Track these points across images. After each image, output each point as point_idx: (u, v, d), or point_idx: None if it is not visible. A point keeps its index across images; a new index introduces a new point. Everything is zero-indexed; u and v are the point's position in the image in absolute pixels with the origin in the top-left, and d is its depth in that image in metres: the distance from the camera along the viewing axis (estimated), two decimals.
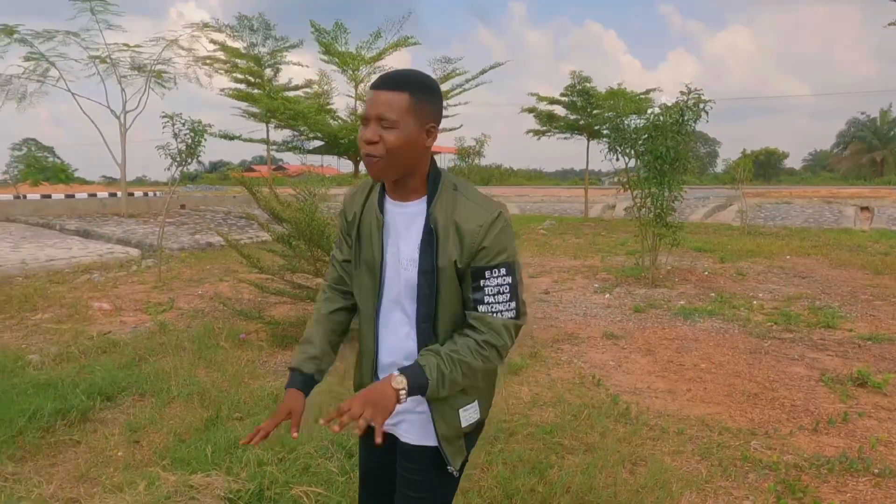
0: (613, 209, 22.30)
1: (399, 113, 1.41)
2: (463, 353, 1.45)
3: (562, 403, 4.10)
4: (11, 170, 44.12)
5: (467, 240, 1.44)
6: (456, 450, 1.58)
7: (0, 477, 3.01)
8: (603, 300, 7.47)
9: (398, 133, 1.41)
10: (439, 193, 1.50)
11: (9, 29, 13.84)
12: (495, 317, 1.47)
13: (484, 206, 1.48)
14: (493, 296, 1.47)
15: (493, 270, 1.47)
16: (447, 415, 1.55)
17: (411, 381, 1.40)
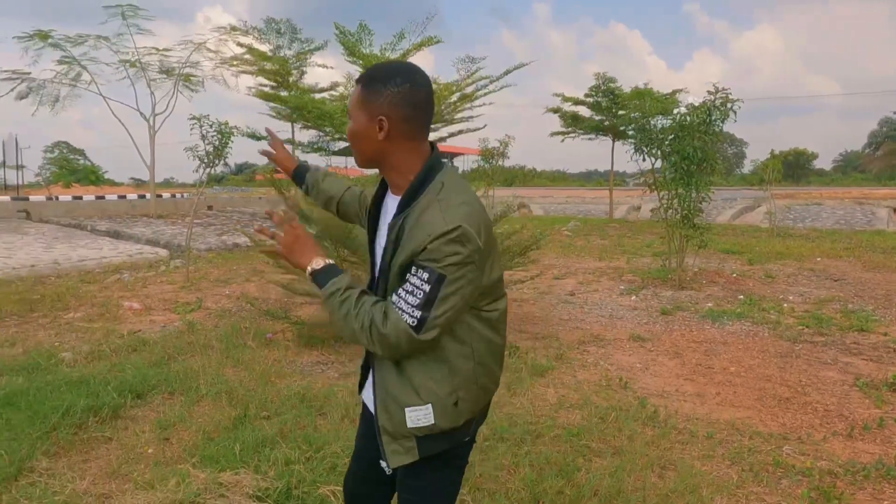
0: (639, 210, 22.09)
1: (353, 106, 1.52)
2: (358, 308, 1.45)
3: (588, 406, 4.07)
4: (44, 172, 45.08)
5: (415, 242, 1.40)
6: (399, 449, 1.52)
7: (35, 472, 3.07)
8: (629, 302, 7.40)
9: (351, 125, 1.53)
10: (424, 195, 1.46)
11: (43, 34, 14.15)
12: (395, 312, 1.41)
13: (446, 218, 1.39)
14: (407, 292, 1.41)
15: (419, 270, 1.39)
16: (392, 409, 1.51)
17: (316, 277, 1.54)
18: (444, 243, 1.37)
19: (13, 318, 6.46)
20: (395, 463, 1.53)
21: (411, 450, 1.51)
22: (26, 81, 14.80)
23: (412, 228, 1.42)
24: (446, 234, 1.36)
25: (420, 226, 1.41)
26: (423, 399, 1.48)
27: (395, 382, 1.51)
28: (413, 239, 1.40)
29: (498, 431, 3.60)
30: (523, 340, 5.64)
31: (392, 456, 1.53)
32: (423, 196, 1.46)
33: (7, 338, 5.60)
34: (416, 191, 1.47)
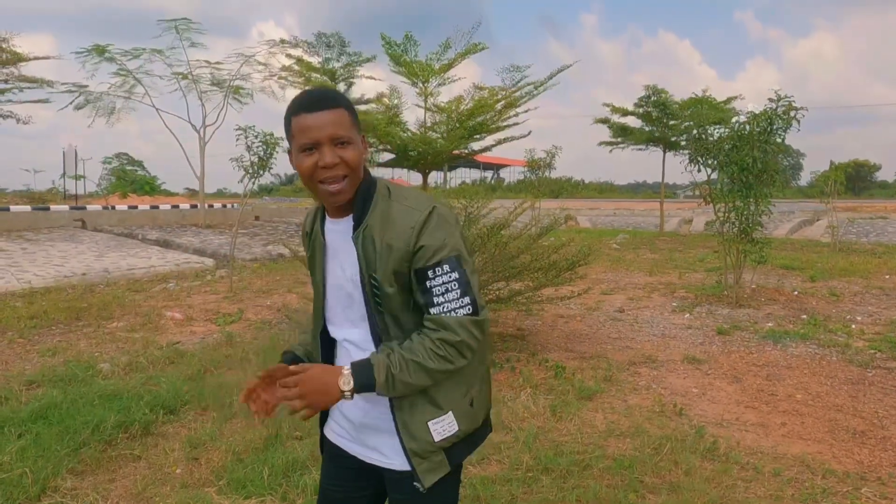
0: (690, 223, 21.44)
1: (348, 129, 1.40)
2: (416, 353, 1.37)
3: (640, 434, 3.78)
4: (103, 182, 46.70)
5: (402, 243, 1.38)
6: (432, 466, 1.46)
7: (58, 492, 2.97)
8: (682, 320, 7.03)
9: (355, 148, 1.40)
10: (374, 206, 1.44)
11: (100, 48, 14.57)
12: (450, 315, 1.39)
13: (415, 207, 1.42)
14: (442, 294, 1.39)
15: (436, 269, 1.39)
16: (416, 429, 1.44)
17: (357, 381, 1.35)
18: (434, 227, 1.39)
19: (59, 326, 6.52)
20: (429, 481, 1.45)
21: (442, 463, 1.48)
22: (84, 94, 15.27)
23: (386, 230, 1.40)
24: (428, 220, 1.39)
25: (394, 225, 1.40)
26: (442, 408, 1.46)
27: (409, 402, 1.44)
28: (395, 238, 1.39)
29: (542, 461, 3.35)
30: (570, 360, 5.36)
31: (426, 475, 1.45)
32: (375, 205, 1.44)
33: (50, 347, 5.62)
34: (365, 202, 1.45)
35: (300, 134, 1.39)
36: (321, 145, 1.37)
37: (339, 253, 1.49)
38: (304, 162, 1.39)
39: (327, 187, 1.40)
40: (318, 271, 1.55)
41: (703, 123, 7.73)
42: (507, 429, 3.86)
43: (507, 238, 5.42)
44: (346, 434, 1.57)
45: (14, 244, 12.30)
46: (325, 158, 1.37)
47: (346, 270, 1.47)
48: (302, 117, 1.39)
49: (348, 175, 1.40)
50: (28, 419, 3.67)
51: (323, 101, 1.39)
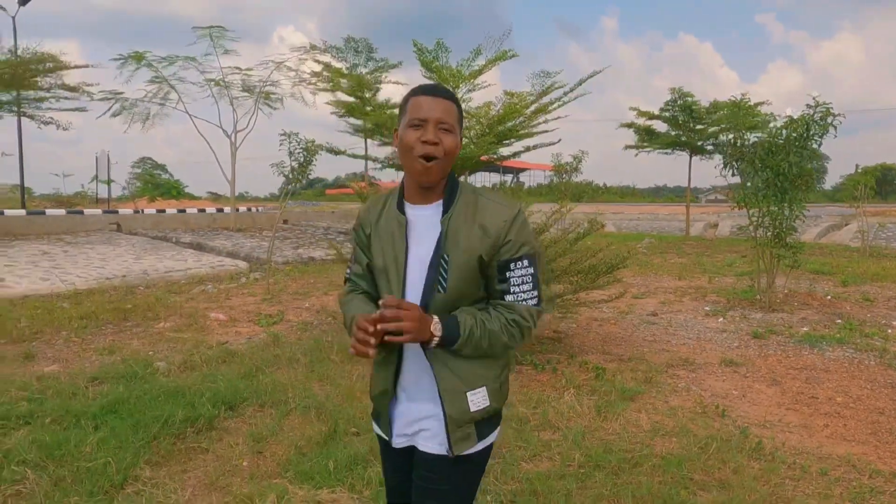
0: (716, 227, 21.34)
1: (455, 120, 1.57)
2: (494, 325, 1.56)
3: (686, 434, 3.87)
4: (130, 186, 47.50)
5: (493, 235, 1.56)
6: (463, 436, 1.62)
7: (139, 481, 3.15)
8: (716, 324, 7.09)
9: (455, 138, 1.56)
10: (459, 195, 1.62)
11: (138, 55, 14.94)
12: (521, 304, 1.60)
13: (505, 204, 1.61)
14: (518, 286, 1.59)
15: (518, 262, 1.59)
16: (455, 396, 1.60)
17: (445, 332, 1.52)
18: (521, 225, 1.59)
19: (109, 326, 6.75)
20: (459, 450, 1.61)
21: (471, 436, 1.63)
22: (119, 101, 15.65)
23: (479, 220, 1.57)
24: (517, 217, 1.59)
25: (487, 216, 1.58)
26: (479, 383, 1.63)
27: (450, 374, 1.60)
28: (489, 227, 1.56)
29: (593, 458, 3.47)
30: (608, 362, 5.46)
31: (457, 444, 1.61)
32: (460, 197, 1.62)
33: (106, 346, 5.85)
34: (452, 192, 1.63)
35: (414, 110, 1.56)
36: (428, 123, 1.54)
37: (421, 234, 1.62)
38: (409, 134, 1.55)
39: (423, 161, 1.54)
40: (395, 250, 1.63)
41: (740, 128, 7.76)
42: (555, 427, 3.97)
43: (547, 242, 5.53)
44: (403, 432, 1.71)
45: (55, 247, 12.64)
46: (429, 134, 1.53)
47: (426, 251, 1.60)
48: (420, 98, 1.57)
49: (441, 158, 1.55)
50: (100, 413, 3.87)
51: (441, 91, 1.59)
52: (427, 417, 1.65)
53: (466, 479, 1.69)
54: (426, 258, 1.60)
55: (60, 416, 3.84)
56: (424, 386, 1.65)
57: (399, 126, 1.62)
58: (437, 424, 1.64)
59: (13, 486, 3.00)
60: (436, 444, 1.64)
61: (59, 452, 3.29)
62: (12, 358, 5.42)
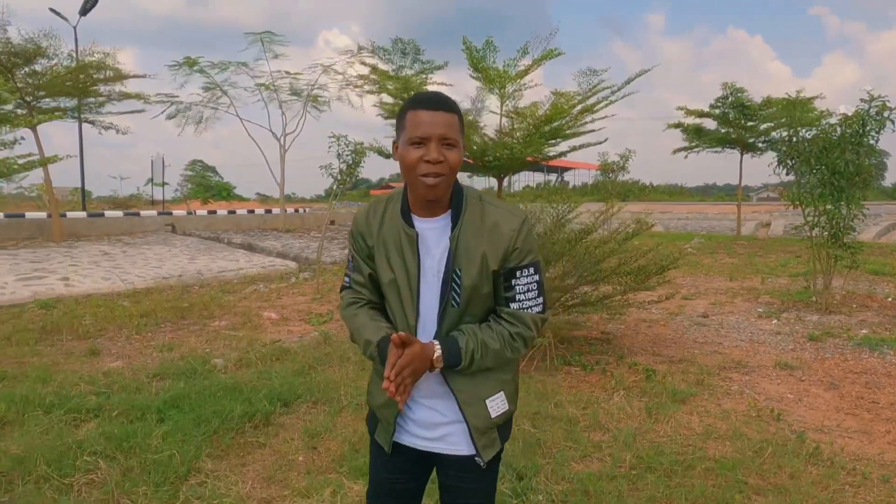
0: (768, 227, 20.78)
1: (457, 133, 1.52)
2: (495, 343, 1.57)
3: (740, 438, 3.82)
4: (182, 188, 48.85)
5: (503, 243, 1.57)
6: (488, 442, 1.65)
7: (202, 473, 3.28)
8: (770, 326, 6.93)
9: (459, 152, 1.52)
10: (465, 206, 1.59)
11: (191, 61, 15.42)
12: (526, 312, 1.61)
13: (512, 212, 1.61)
14: (524, 293, 1.61)
15: (524, 270, 1.60)
16: (476, 406, 1.62)
17: (446, 359, 1.54)
18: (527, 233, 1.60)
19: (168, 324, 7.01)
20: (487, 456, 1.65)
21: (495, 440, 1.68)
22: (175, 105, 16.18)
23: (489, 232, 1.57)
24: (523, 224, 1.59)
25: (494, 226, 1.57)
26: (496, 387, 1.65)
27: (468, 382, 1.62)
28: (497, 237, 1.56)
29: (644, 460, 3.45)
30: (658, 363, 5.41)
31: (484, 451, 1.64)
32: (467, 208, 1.59)
33: (165, 343, 6.08)
34: (460, 202, 1.60)
35: (414, 127, 1.49)
36: (430, 141, 1.48)
37: (431, 247, 1.60)
38: (410, 153, 1.50)
39: (427, 180, 1.49)
40: (406, 264, 1.60)
41: (796, 126, 7.56)
42: (605, 429, 3.97)
43: (597, 242, 5.51)
44: (418, 432, 1.70)
45: (115, 247, 13.15)
46: (432, 154, 1.48)
47: (437, 264, 1.59)
48: (420, 113, 1.50)
49: (447, 175, 1.51)
50: (163, 407, 4.04)
51: (442, 104, 1.51)
52: (450, 423, 1.66)
53: (492, 476, 1.75)
54: (437, 272, 1.60)
55: (126, 409, 4.03)
56: (439, 391, 1.66)
57: (399, 140, 1.57)
58: (460, 429, 1.66)
59: (86, 475, 3.16)
60: (463, 446, 1.66)
61: (127, 444, 3.45)
62: (79, 353, 5.68)
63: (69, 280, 9.39)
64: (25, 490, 3.03)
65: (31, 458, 3.26)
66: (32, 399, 4.13)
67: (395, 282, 1.62)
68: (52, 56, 13.04)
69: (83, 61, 13.62)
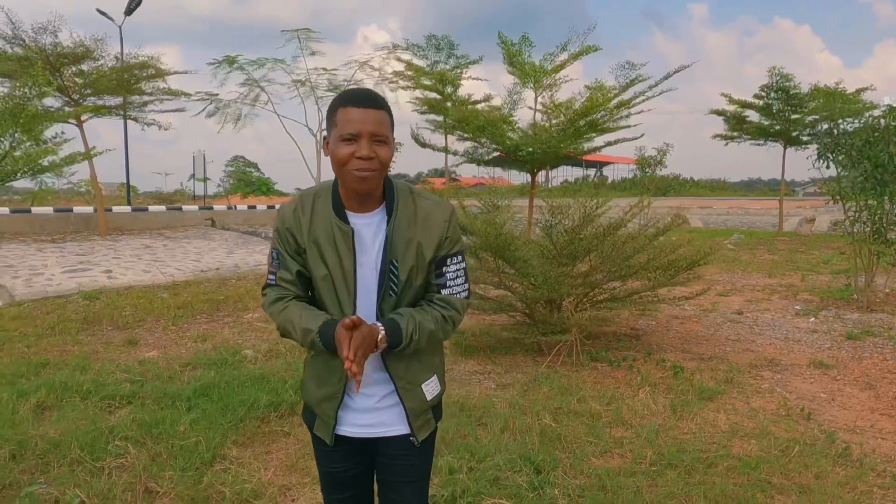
0: (813, 223, 20.18)
1: (387, 129, 1.56)
2: (429, 324, 1.63)
3: (766, 436, 3.75)
4: (224, 183, 49.92)
5: (435, 233, 1.65)
6: (424, 423, 1.73)
7: (226, 459, 3.37)
8: (807, 324, 6.76)
9: (389, 149, 1.56)
10: (398, 199, 1.64)
11: (230, 58, 15.74)
12: (455, 297, 1.70)
13: (441, 204, 1.69)
14: (454, 280, 1.70)
15: (454, 258, 1.70)
16: (412, 392, 1.69)
17: (389, 339, 1.57)
18: (455, 223, 1.70)
19: (203, 315, 7.19)
20: (422, 435, 1.73)
21: (430, 420, 1.76)
22: (214, 102, 16.52)
23: (423, 223, 1.64)
24: (452, 215, 1.69)
25: (426, 217, 1.65)
26: (429, 372, 1.74)
27: (406, 368, 1.68)
28: (430, 228, 1.64)
29: (665, 457, 3.42)
30: (688, 360, 5.33)
31: (419, 431, 1.72)
32: (398, 201, 1.64)
33: (199, 334, 6.24)
34: (392, 195, 1.64)
35: (345, 124, 1.52)
36: (361, 138, 1.51)
37: (367, 242, 1.63)
38: (341, 149, 1.52)
39: (359, 173, 1.52)
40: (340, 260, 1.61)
41: (835, 118, 7.33)
42: (627, 424, 3.94)
43: (625, 237, 5.45)
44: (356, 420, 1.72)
45: (157, 241, 13.52)
46: (363, 150, 1.51)
47: (373, 258, 1.63)
48: (349, 110, 1.52)
49: (378, 170, 1.55)
50: (193, 396, 4.16)
51: (371, 100, 1.55)
52: (386, 407, 1.71)
53: (427, 455, 1.81)
54: (373, 265, 1.63)
55: (158, 397, 4.16)
56: (376, 378, 1.69)
57: (330, 137, 1.59)
58: (396, 411, 1.71)
59: (117, 459, 3.29)
60: (400, 426, 1.72)
61: (156, 430, 3.57)
62: (118, 343, 5.88)
63: (112, 272, 9.70)
64: (60, 472, 3.16)
65: (67, 442, 3.41)
66: (71, 386, 4.30)
67: (330, 277, 1.64)
68: (98, 58, 13.46)
69: (128, 63, 14.03)
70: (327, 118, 1.61)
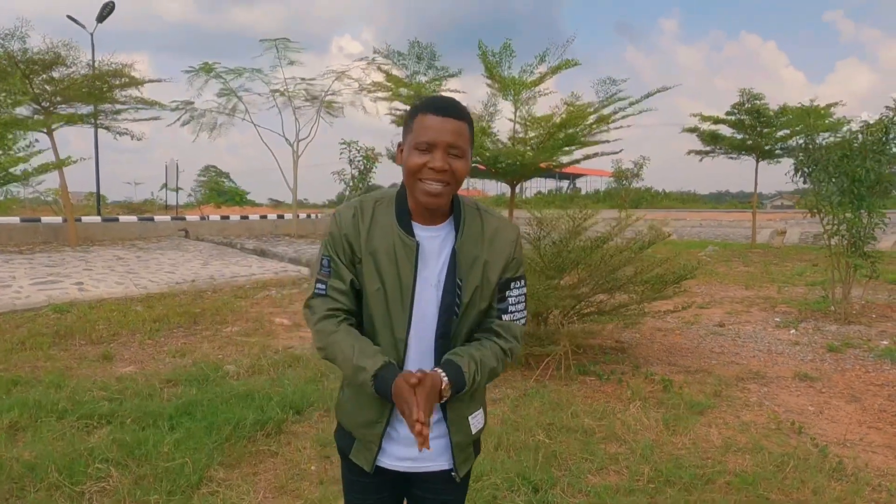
0: (784, 235, 20.56)
1: (466, 142, 1.45)
2: (491, 361, 1.53)
3: (760, 451, 3.74)
4: (196, 193, 49.14)
5: (503, 254, 1.56)
6: (466, 457, 1.66)
7: (213, 482, 3.24)
8: (788, 336, 6.82)
9: (465, 163, 1.46)
10: (465, 215, 1.55)
11: (208, 66, 15.55)
12: (516, 324, 1.60)
13: (508, 224, 1.61)
14: (515, 305, 1.60)
15: (518, 281, 1.60)
16: (461, 424, 1.61)
17: (452, 385, 1.46)
18: (521, 245, 1.61)
19: (180, 329, 7.00)
20: (464, 470, 1.65)
21: (471, 455, 1.68)
22: (189, 111, 16.28)
23: (487, 241, 1.54)
24: (519, 236, 1.60)
25: (495, 235, 1.56)
26: (478, 404, 1.66)
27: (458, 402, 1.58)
28: (498, 247, 1.55)
29: (662, 473, 3.38)
30: (675, 374, 5.33)
31: (461, 466, 1.64)
32: (466, 217, 1.54)
33: (178, 349, 6.07)
34: (459, 211, 1.55)
35: (421, 131, 1.42)
36: (437, 149, 1.41)
37: (431, 257, 1.52)
38: (414, 159, 1.43)
39: (430, 187, 1.43)
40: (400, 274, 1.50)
41: (811, 132, 7.47)
42: (621, 440, 3.90)
43: (613, 250, 5.44)
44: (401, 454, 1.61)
45: (129, 252, 13.21)
46: (437, 162, 1.41)
47: (436, 274, 1.52)
48: (429, 117, 1.43)
49: (451, 185, 1.45)
50: (175, 414, 4.01)
51: (452, 110, 1.44)
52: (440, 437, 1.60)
53: (463, 490, 1.74)
54: (434, 283, 1.52)
55: (139, 416, 4.00)
56: None
57: (404, 143, 1.49)
58: (442, 444, 1.60)
59: (98, 483, 3.14)
60: (442, 461, 1.63)
61: (138, 452, 3.42)
62: (93, 358, 5.68)
63: (83, 284, 9.43)
64: (37, 498, 3.00)
65: (43, 464, 3.24)
66: (45, 404, 4.12)
67: (384, 292, 1.51)
68: (70, 65, 13.16)
69: (100, 70, 13.74)
70: (405, 123, 1.51)
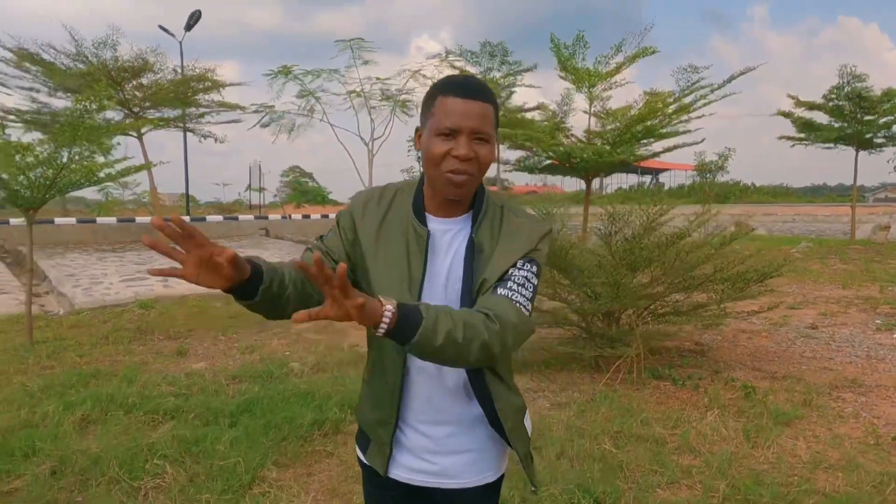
0: (888, 230, 19.06)
1: (491, 127, 1.32)
2: (470, 317, 1.19)
3: (855, 469, 3.37)
4: (280, 193, 50.84)
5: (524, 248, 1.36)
6: (530, 463, 1.50)
7: (265, 482, 3.22)
8: (890, 340, 6.22)
9: (491, 148, 1.33)
10: (486, 209, 1.41)
11: (286, 69, 15.98)
12: (516, 306, 1.27)
13: (537, 222, 1.44)
14: (520, 286, 1.31)
15: (528, 263, 1.35)
16: (520, 430, 1.45)
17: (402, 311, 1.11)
18: (547, 242, 1.42)
19: (254, 326, 7.15)
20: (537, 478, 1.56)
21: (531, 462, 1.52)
22: (269, 113, 16.79)
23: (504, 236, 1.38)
24: (548, 234, 1.43)
25: (513, 233, 1.39)
26: (525, 404, 1.51)
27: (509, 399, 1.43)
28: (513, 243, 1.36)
29: (741, 491, 3.10)
30: (759, 380, 4.94)
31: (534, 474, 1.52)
32: (487, 211, 1.41)
33: (249, 345, 6.18)
34: (482, 204, 1.41)
35: (443, 116, 1.29)
36: (461, 134, 1.28)
37: (442, 250, 1.39)
38: (436, 145, 1.30)
39: (453, 177, 1.30)
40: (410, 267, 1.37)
41: None
42: (696, 452, 3.61)
43: (689, 247, 5.10)
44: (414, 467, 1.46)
45: None
46: (461, 149, 1.28)
47: (447, 268, 1.38)
48: (451, 100, 1.29)
49: (476, 173, 1.32)
50: (236, 411, 4.04)
51: (477, 91, 1.30)
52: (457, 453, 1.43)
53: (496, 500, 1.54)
54: (446, 276, 1.38)
55: (202, 412, 4.06)
56: (441, 406, 1.42)
57: (424, 127, 1.36)
58: (471, 457, 1.44)
59: (154, 480, 3.18)
60: (476, 475, 1.44)
61: (196, 449, 3.45)
62: (168, 353, 5.86)
63: (168, 281, 9.83)
64: (97, 492, 3.07)
65: (106, 458, 3.32)
66: (117, 399, 4.25)
67: (389, 281, 1.38)
68: (157, 71, 13.84)
69: (186, 76, 14.37)
70: (423, 105, 1.38)
